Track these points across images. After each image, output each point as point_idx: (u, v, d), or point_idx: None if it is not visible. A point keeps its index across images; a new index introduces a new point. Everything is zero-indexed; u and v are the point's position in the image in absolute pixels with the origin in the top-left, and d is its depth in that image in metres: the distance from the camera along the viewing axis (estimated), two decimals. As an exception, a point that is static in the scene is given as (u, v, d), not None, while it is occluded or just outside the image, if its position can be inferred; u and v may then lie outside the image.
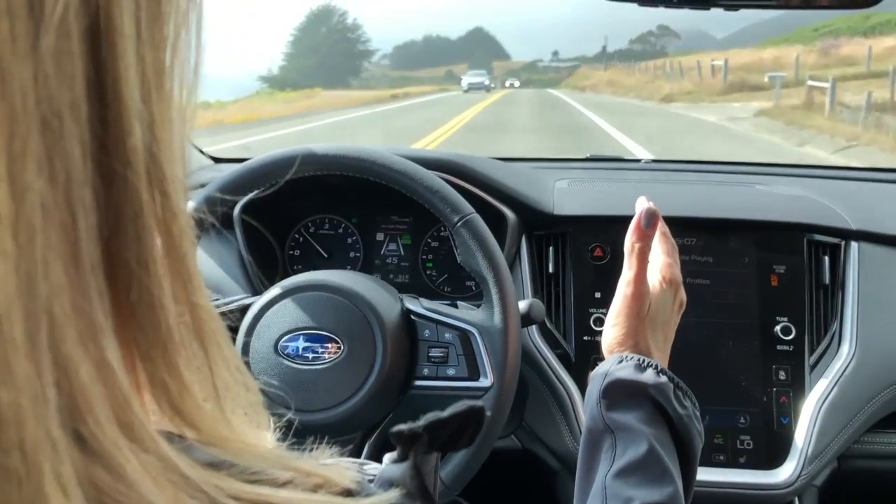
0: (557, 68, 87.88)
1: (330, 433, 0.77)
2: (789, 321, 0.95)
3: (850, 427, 0.92)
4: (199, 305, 0.27)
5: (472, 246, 0.80)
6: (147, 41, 0.23)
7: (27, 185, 0.20)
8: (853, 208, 1.03)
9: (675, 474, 0.57)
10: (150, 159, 0.24)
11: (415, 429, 0.34)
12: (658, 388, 0.60)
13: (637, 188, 1.15)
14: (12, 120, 0.19)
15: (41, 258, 0.20)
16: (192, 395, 0.26)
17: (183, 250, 0.26)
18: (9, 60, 0.19)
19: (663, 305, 0.67)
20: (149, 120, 0.24)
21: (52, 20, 0.20)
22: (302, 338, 0.78)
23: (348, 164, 0.83)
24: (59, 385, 0.21)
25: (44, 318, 0.20)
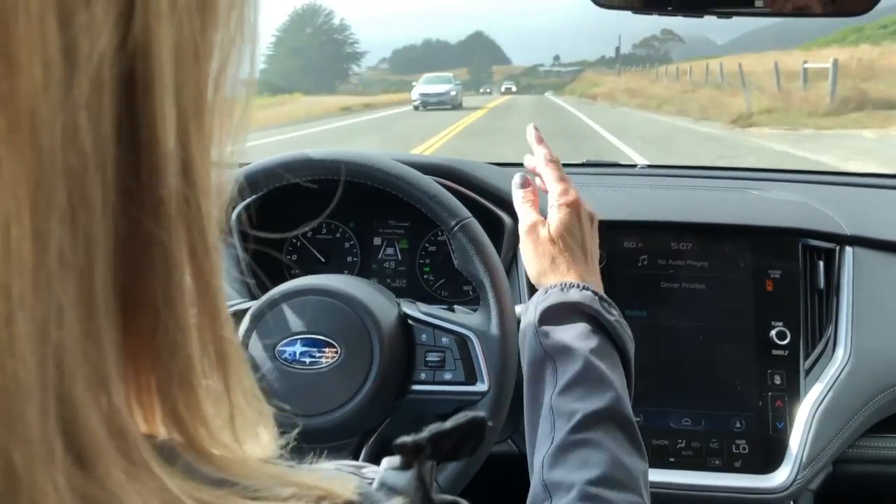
0: (559, 73, 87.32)
1: (327, 437, 0.78)
2: (784, 326, 0.96)
3: (845, 431, 0.93)
4: (226, 339, 0.27)
5: (469, 250, 0.80)
6: (188, 79, 0.23)
7: (49, 235, 0.19)
8: (848, 213, 1.04)
9: (613, 381, 0.61)
10: (183, 201, 0.23)
11: (418, 440, 0.34)
12: (584, 302, 0.65)
13: (633, 193, 1.16)
14: (39, 170, 0.19)
15: (56, 306, 0.20)
16: (207, 425, 0.26)
17: (214, 286, 0.26)
18: (41, 110, 0.19)
19: (569, 224, 0.72)
20: (184, 159, 0.23)
21: (88, 68, 0.20)
22: (299, 342, 0.78)
23: (346, 169, 0.83)
24: (67, 432, 0.20)
25: (53, 366, 0.20)
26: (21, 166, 0.18)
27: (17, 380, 0.19)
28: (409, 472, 0.34)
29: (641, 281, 1.00)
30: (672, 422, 0.96)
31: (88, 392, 0.21)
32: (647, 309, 0.99)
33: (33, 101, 0.18)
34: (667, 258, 1.00)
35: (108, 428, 0.22)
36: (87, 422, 0.21)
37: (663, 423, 0.96)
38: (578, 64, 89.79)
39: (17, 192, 0.18)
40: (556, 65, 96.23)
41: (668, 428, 0.95)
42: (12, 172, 0.18)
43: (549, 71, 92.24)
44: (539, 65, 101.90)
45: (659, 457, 0.95)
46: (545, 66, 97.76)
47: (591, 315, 0.65)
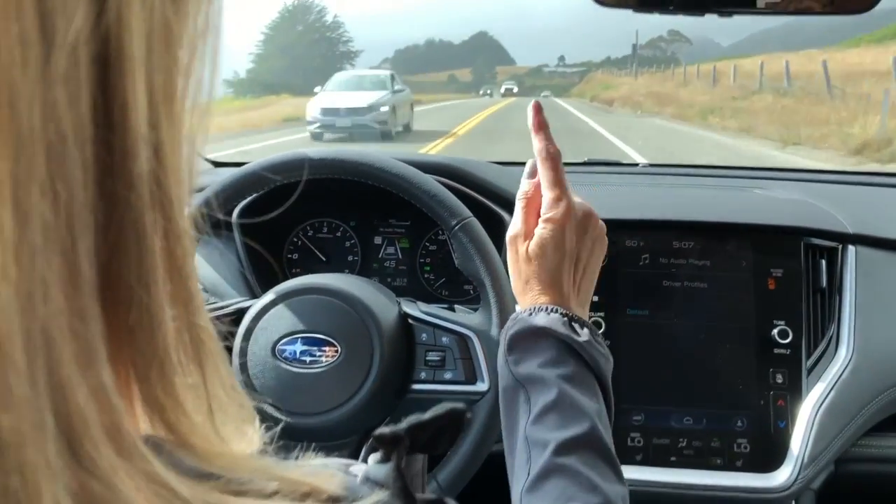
0: (564, 73, 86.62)
1: (326, 437, 0.78)
2: (786, 325, 0.96)
3: (847, 431, 0.92)
4: (199, 326, 0.27)
5: (470, 250, 0.81)
6: (158, 65, 0.23)
7: (31, 209, 0.20)
8: (850, 212, 1.04)
9: (587, 407, 0.59)
10: (154, 183, 0.24)
11: (396, 431, 0.34)
12: (550, 326, 0.61)
13: (634, 192, 1.16)
14: (19, 144, 0.19)
15: (41, 281, 0.20)
16: (187, 414, 0.26)
17: (185, 271, 0.26)
18: (19, 85, 0.19)
19: (548, 244, 0.65)
20: (156, 143, 0.24)
21: (64, 46, 0.20)
22: (299, 341, 0.79)
23: (347, 168, 0.84)
24: (56, 408, 0.21)
25: (42, 341, 0.20)
26: (1, 140, 0.19)
27: (3, 350, 0.19)
28: (388, 464, 0.34)
29: (643, 280, 1.00)
30: (673, 421, 0.96)
31: (76, 368, 0.22)
32: (648, 308, 0.99)
33: (11, 76, 0.19)
34: (668, 257, 1.00)
35: (97, 406, 0.22)
36: (75, 398, 0.21)
37: (664, 422, 0.96)
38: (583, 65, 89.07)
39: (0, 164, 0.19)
40: (561, 65, 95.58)
41: (669, 427, 0.95)
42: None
43: (554, 72, 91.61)
44: (544, 65, 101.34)
45: (660, 456, 0.95)
46: (550, 67, 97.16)
47: (560, 339, 0.62)
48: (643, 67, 53.36)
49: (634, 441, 0.95)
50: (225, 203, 0.84)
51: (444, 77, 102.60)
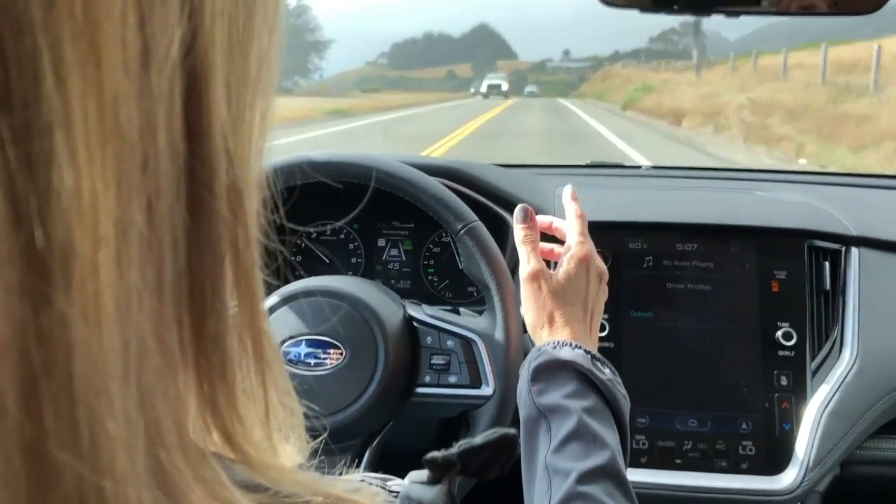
0: (569, 69, 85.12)
1: (331, 439, 0.80)
2: (790, 327, 0.97)
3: (852, 433, 0.94)
4: (262, 332, 0.28)
5: (476, 254, 0.82)
6: (235, 76, 0.25)
7: (131, 220, 0.21)
8: (854, 214, 1.05)
9: (608, 440, 0.62)
10: (233, 192, 0.25)
11: (448, 456, 0.35)
12: (576, 361, 0.65)
13: (637, 195, 1.17)
14: (121, 157, 0.21)
15: (137, 290, 0.21)
16: (245, 422, 0.27)
17: (254, 279, 0.27)
18: (123, 102, 0.20)
19: (574, 280, 0.72)
20: (234, 153, 0.25)
21: (163, 66, 0.22)
22: (304, 343, 0.80)
23: (353, 171, 0.85)
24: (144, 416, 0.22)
25: (135, 349, 0.22)
26: (107, 153, 0.20)
27: (104, 356, 0.20)
28: (437, 487, 0.34)
29: (647, 282, 1.01)
30: (678, 423, 0.97)
31: (159, 376, 0.23)
32: (652, 310, 1.00)
33: (116, 92, 0.20)
34: (672, 259, 1.01)
35: (173, 414, 0.23)
36: (155, 406, 0.22)
37: (669, 425, 0.97)
38: (589, 59, 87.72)
39: (104, 177, 0.20)
40: (566, 60, 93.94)
41: (674, 429, 0.97)
42: (101, 159, 0.20)
43: (559, 67, 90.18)
44: (547, 60, 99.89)
45: (665, 458, 0.96)
46: (554, 62, 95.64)
47: (583, 374, 0.66)
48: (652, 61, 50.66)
49: (639, 443, 0.96)
50: None
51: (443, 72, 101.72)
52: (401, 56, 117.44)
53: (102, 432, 0.20)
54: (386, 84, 80.00)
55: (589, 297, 0.73)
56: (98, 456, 0.20)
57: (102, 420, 0.20)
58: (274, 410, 0.29)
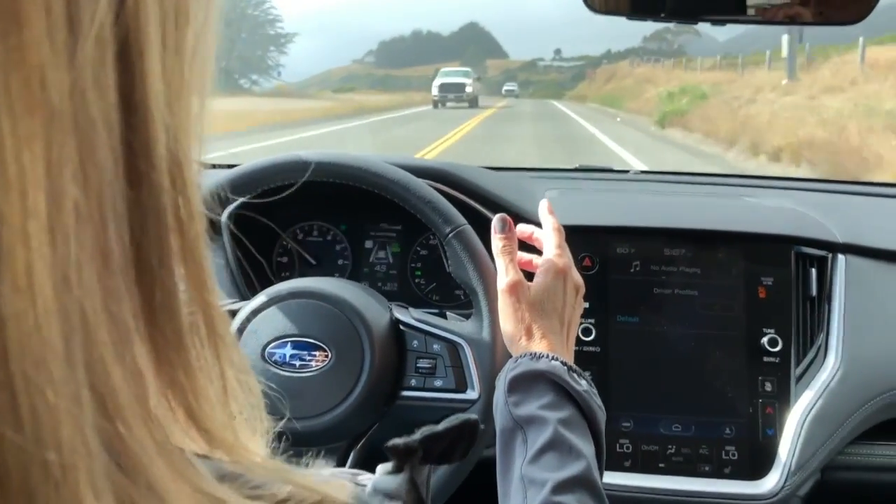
0: (560, 68, 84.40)
1: (315, 441, 0.80)
2: (776, 333, 0.99)
3: (834, 438, 0.96)
4: (212, 305, 0.28)
5: (463, 258, 0.83)
6: (171, 49, 0.25)
7: (63, 192, 0.21)
8: (840, 221, 1.07)
9: (583, 450, 0.63)
10: (173, 164, 0.25)
11: (410, 442, 0.35)
12: (553, 372, 0.67)
13: (626, 199, 1.19)
14: (50, 128, 0.20)
15: (75, 262, 0.21)
16: (206, 397, 0.27)
17: (199, 252, 0.27)
18: (49, 71, 0.20)
19: (551, 293, 0.74)
20: (172, 127, 0.25)
21: (90, 32, 0.22)
22: (289, 345, 0.80)
23: (342, 172, 0.85)
24: (92, 387, 0.22)
25: (78, 321, 0.22)
26: (34, 123, 0.20)
27: (39, 328, 0.20)
28: (401, 475, 0.35)
29: (634, 287, 1.02)
30: (662, 427, 0.98)
31: (112, 348, 0.23)
32: (638, 315, 1.01)
33: (42, 60, 0.20)
34: (659, 264, 1.03)
35: (131, 385, 0.23)
36: (110, 377, 0.22)
37: (653, 429, 0.98)
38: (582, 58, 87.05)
39: (32, 146, 0.20)
40: (558, 59, 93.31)
41: (658, 434, 0.98)
42: (27, 128, 0.20)
43: (550, 66, 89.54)
44: (539, 59, 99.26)
45: (649, 462, 0.97)
46: (545, 61, 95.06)
47: (559, 385, 0.67)
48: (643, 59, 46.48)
49: (623, 447, 0.98)
50: (220, 203, 0.86)
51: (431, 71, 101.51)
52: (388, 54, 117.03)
53: (42, 403, 0.20)
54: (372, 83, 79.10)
55: (566, 310, 0.75)
56: (39, 427, 0.20)
57: (42, 390, 0.20)
58: (232, 388, 0.29)
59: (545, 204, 0.84)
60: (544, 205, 0.84)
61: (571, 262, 0.78)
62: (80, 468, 0.21)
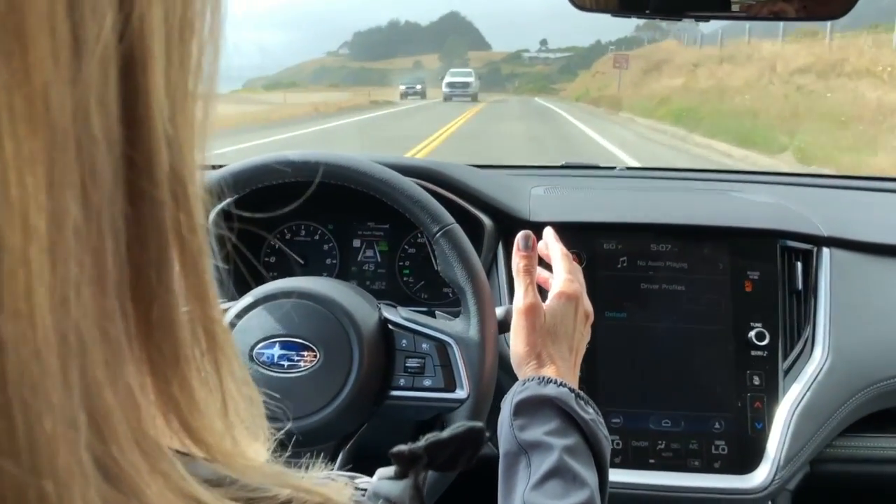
0: (547, 60, 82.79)
1: (303, 442, 0.82)
2: (763, 327, 1.02)
3: (822, 431, 0.99)
4: (214, 320, 0.28)
5: (451, 257, 0.84)
6: (175, 63, 0.25)
7: (65, 213, 0.21)
8: (825, 215, 1.11)
9: (587, 479, 0.64)
10: (174, 179, 0.26)
11: (415, 449, 0.36)
12: (560, 398, 0.68)
13: (612, 195, 1.22)
14: (53, 148, 0.21)
15: (74, 283, 0.21)
16: (202, 411, 0.28)
17: (201, 266, 0.27)
18: (53, 91, 0.21)
19: (563, 318, 0.76)
20: (174, 139, 0.25)
21: (95, 51, 0.22)
22: (277, 345, 0.81)
23: (330, 172, 0.86)
24: (88, 411, 0.22)
25: (75, 344, 0.22)
26: (37, 144, 0.20)
27: (38, 351, 0.20)
28: (404, 481, 0.36)
29: (621, 282, 1.05)
30: (651, 423, 1.02)
31: (105, 369, 0.23)
32: (626, 310, 1.05)
33: (46, 80, 0.20)
34: (646, 259, 1.06)
35: (123, 407, 0.24)
36: (104, 400, 0.23)
37: (643, 425, 1.02)
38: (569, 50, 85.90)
39: (34, 168, 0.20)
40: (544, 50, 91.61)
41: (647, 429, 1.01)
42: (30, 150, 0.20)
43: (535, 58, 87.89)
44: (523, 50, 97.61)
45: (638, 458, 1.00)
46: (531, 52, 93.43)
47: (566, 412, 0.68)
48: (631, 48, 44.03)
49: (613, 443, 1.00)
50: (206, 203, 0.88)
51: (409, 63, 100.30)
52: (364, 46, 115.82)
53: (40, 430, 0.20)
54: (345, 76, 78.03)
55: (575, 337, 0.77)
56: (36, 455, 0.20)
57: (39, 417, 0.20)
58: (232, 400, 0.29)
59: (551, 232, 0.86)
60: (550, 233, 0.86)
61: (583, 288, 0.80)
62: (76, 494, 0.21)
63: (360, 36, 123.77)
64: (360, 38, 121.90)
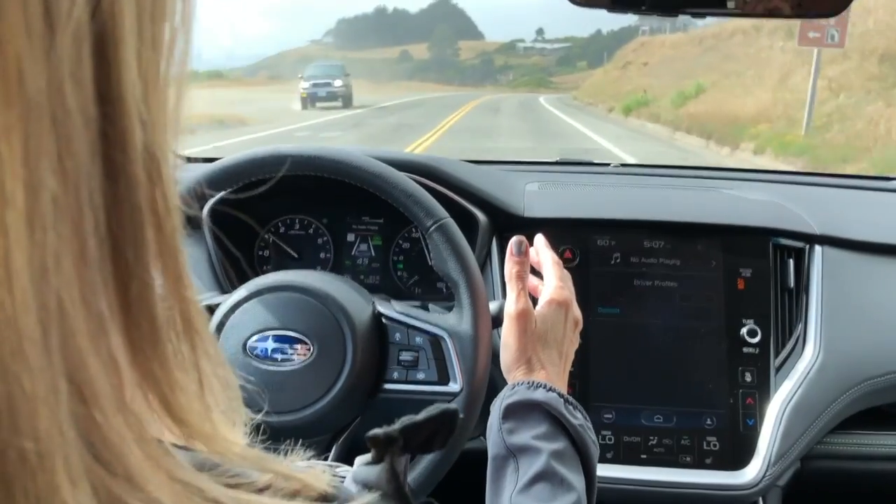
0: (543, 51, 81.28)
1: (298, 435, 0.84)
2: (755, 324, 1.05)
3: (813, 428, 1.02)
4: (189, 300, 0.29)
5: (445, 251, 0.86)
6: (147, 42, 0.26)
7: (41, 183, 0.22)
8: (817, 213, 1.14)
9: (574, 483, 0.67)
10: (148, 157, 0.26)
11: (390, 432, 0.38)
12: (549, 403, 0.71)
13: (606, 192, 1.25)
14: (28, 119, 0.21)
15: (53, 252, 0.22)
16: (182, 390, 0.29)
17: (175, 246, 0.28)
18: (26, 62, 0.21)
19: (553, 324, 0.79)
20: (148, 121, 0.26)
21: (67, 26, 0.23)
22: (271, 338, 0.83)
23: (324, 166, 0.89)
24: (69, 377, 0.23)
25: (55, 311, 0.23)
26: (11, 114, 0.21)
27: (16, 317, 0.21)
28: (380, 465, 0.37)
29: (614, 278, 1.08)
30: (644, 419, 1.05)
31: (89, 338, 0.24)
32: (619, 306, 1.08)
33: (19, 53, 0.21)
34: (639, 256, 1.09)
35: (108, 376, 0.24)
36: (87, 368, 0.24)
37: (635, 420, 1.05)
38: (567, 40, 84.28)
39: (9, 138, 0.21)
40: (540, 40, 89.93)
41: (639, 425, 1.04)
42: (4, 120, 0.21)
43: (531, 48, 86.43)
44: (518, 40, 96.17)
45: (630, 453, 1.04)
46: (526, 43, 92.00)
47: (555, 417, 0.70)
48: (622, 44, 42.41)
49: (605, 439, 1.04)
50: (199, 198, 0.89)
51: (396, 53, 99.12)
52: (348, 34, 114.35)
53: (19, 391, 0.21)
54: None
55: (565, 343, 0.79)
56: (16, 416, 0.21)
57: (19, 378, 0.21)
58: (208, 381, 0.30)
59: (542, 239, 0.89)
60: (541, 240, 0.89)
61: (573, 295, 0.82)
62: (57, 456, 0.22)
63: (346, 23, 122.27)
64: (345, 26, 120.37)
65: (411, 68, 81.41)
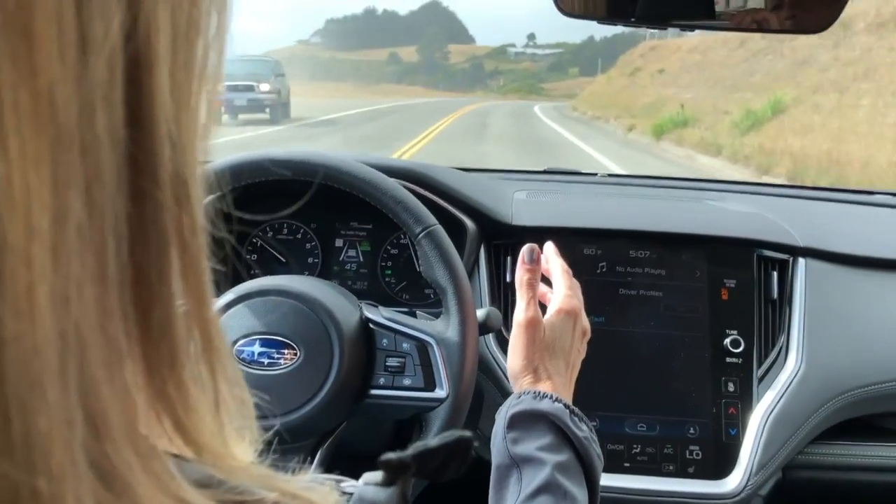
0: (535, 56, 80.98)
1: (283, 439, 0.85)
2: (739, 334, 1.07)
3: (795, 438, 1.04)
4: (211, 322, 0.29)
5: (434, 257, 0.87)
6: (180, 62, 0.26)
7: (68, 212, 0.22)
8: (801, 226, 1.16)
9: (577, 496, 0.67)
10: (177, 180, 0.26)
11: (403, 458, 0.37)
12: (555, 414, 0.71)
13: (593, 201, 1.27)
14: (58, 147, 0.21)
15: (76, 281, 0.22)
16: (196, 411, 0.28)
17: (200, 267, 0.28)
18: (59, 90, 0.21)
19: (561, 333, 0.79)
20: (178, 142, 0.26)
21: (102, 50, 0.22)
22: (258, 343, 0.84)
23: (313, 170, 0.90)
24: (84, 409, 0.23)
25: (74, 341, 0.22)
26: (42, 143, 0.21)
27: (37, 349, 0.21)
28: (391, 489, 0.38)
29: (600, 287, 1.10)
30: (627, 427, 1.06)
31: (104, 368, 0.23)
32: (605, 315, 1.09)
33: (52, 80, 0.21)
34: (625, 265, 1.11)
35: (120, 406, 0.24)
36: (101, 399, 0.23)
37: (619, 429, 1.06)
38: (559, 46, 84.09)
39: (38, 167, 0.21)
40: (531, 46, 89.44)
41: (623, 433, 1.06)
42: (35, 148, 0.20)
43: (522, 53, 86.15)
44: (509, 45, 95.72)
45: (613, 462, 1.05)
46: (517, 48, 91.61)
47: (560, 428, 0.70)
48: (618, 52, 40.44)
49: None
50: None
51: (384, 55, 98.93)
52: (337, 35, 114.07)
53: (35, 429, 0.21)
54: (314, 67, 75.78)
55: (572, 353, 0.79)
56: (31, 454, 0.21)
57: (36, 415, 0.21)
58: (224, 401, 0.30)
59: (551, 246, 0.88)
60: (550, 248, 0.88)
61: (582, 305, 0.82)
62: (69, 494, 0.22)
63: (334, 23, 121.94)
64: (333, 26, 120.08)
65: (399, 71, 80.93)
